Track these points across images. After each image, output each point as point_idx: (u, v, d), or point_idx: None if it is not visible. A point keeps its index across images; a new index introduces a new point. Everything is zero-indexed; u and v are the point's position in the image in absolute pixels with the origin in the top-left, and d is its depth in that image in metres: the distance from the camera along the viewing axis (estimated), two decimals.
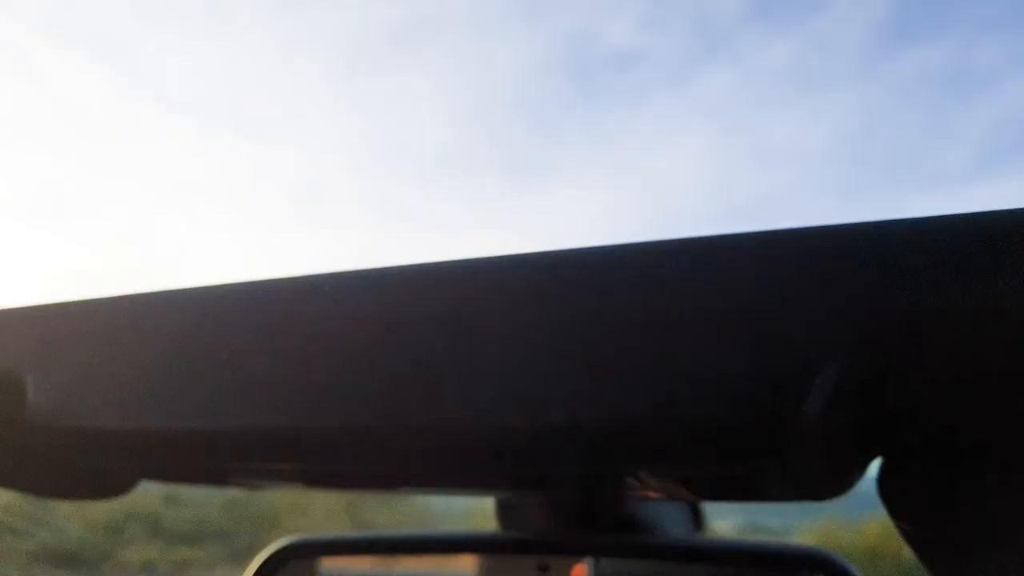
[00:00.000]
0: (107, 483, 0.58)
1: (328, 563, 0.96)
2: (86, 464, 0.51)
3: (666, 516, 0.79)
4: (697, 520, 0.83)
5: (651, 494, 0.45)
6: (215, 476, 0.57)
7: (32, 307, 0.49)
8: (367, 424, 0.36)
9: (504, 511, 0.70)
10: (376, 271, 0.40)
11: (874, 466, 0.39)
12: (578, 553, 0.69)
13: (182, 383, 0.43)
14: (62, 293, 0.51)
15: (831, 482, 0.38)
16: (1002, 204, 0.31)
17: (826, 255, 0.31)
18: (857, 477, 0.39)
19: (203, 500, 10.58)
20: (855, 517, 8.36)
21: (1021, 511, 0.38)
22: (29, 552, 7.43)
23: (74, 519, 9.29)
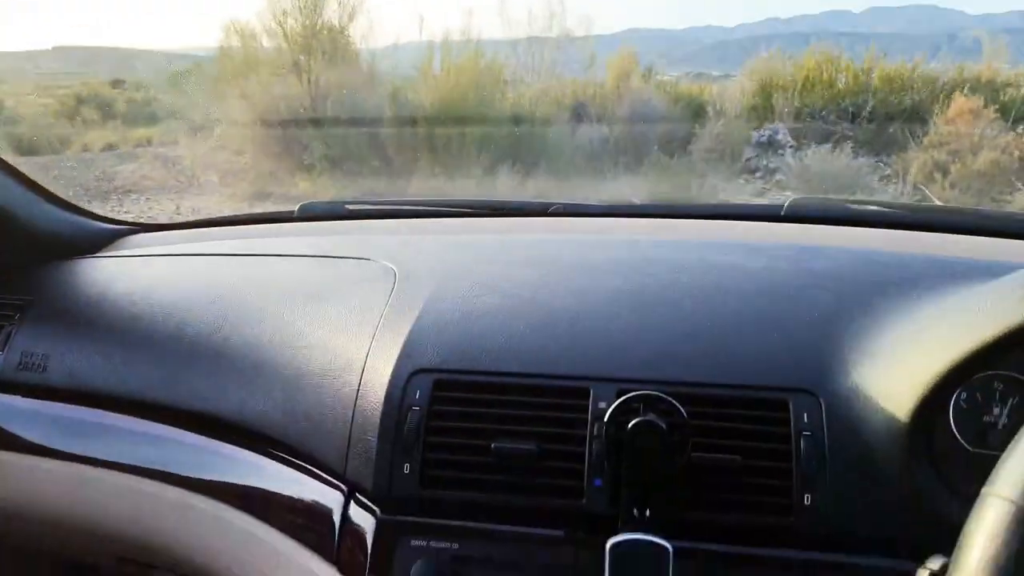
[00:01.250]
0: None
1: None
2: None
3: None
4: None
5: None
6: None
7: None
8: None
9: None
10: None
11: None
12: None
13: None
14: None
15: None
16: None
17: None
18: None
19: (150, 81, 10.41)
20: (794, 52, 8.59)
21: None
22: None
23: (22, 110, 9.18)
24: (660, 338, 0.88)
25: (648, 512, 0.76)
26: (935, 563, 0.59)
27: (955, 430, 0.78)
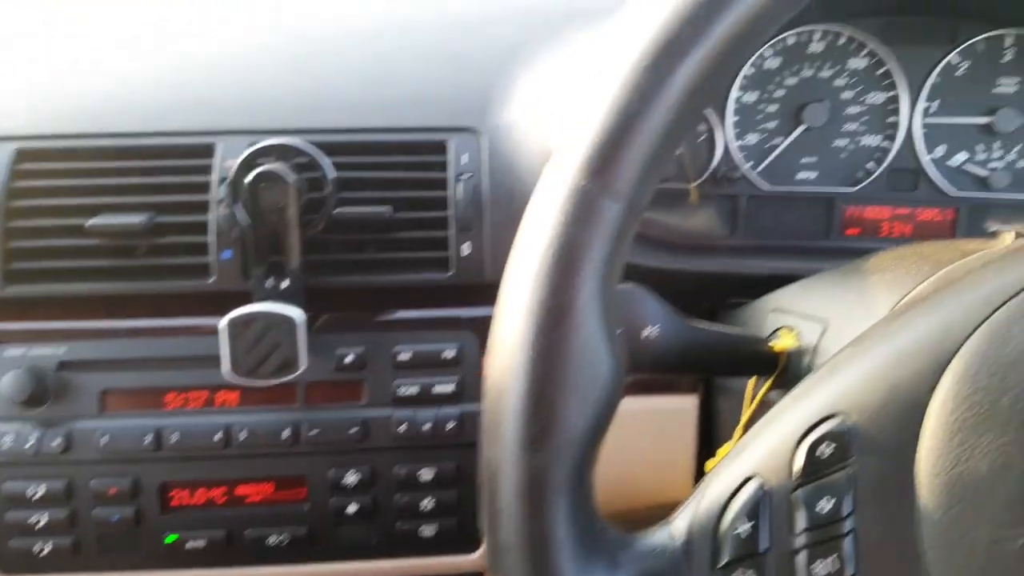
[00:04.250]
0: None
1: None
2: None
3: None
4: None
5: None
6: None
7: None
8: None
9: None
10: None
11: None
12: None
13: None
14: None
15: None
16: None
17: None
18: None
19: None
20: None
21: None
22: None
23: None
24: (310, 83, 0.72)
25: (287, 282, 0.64)
26: None
27: None
